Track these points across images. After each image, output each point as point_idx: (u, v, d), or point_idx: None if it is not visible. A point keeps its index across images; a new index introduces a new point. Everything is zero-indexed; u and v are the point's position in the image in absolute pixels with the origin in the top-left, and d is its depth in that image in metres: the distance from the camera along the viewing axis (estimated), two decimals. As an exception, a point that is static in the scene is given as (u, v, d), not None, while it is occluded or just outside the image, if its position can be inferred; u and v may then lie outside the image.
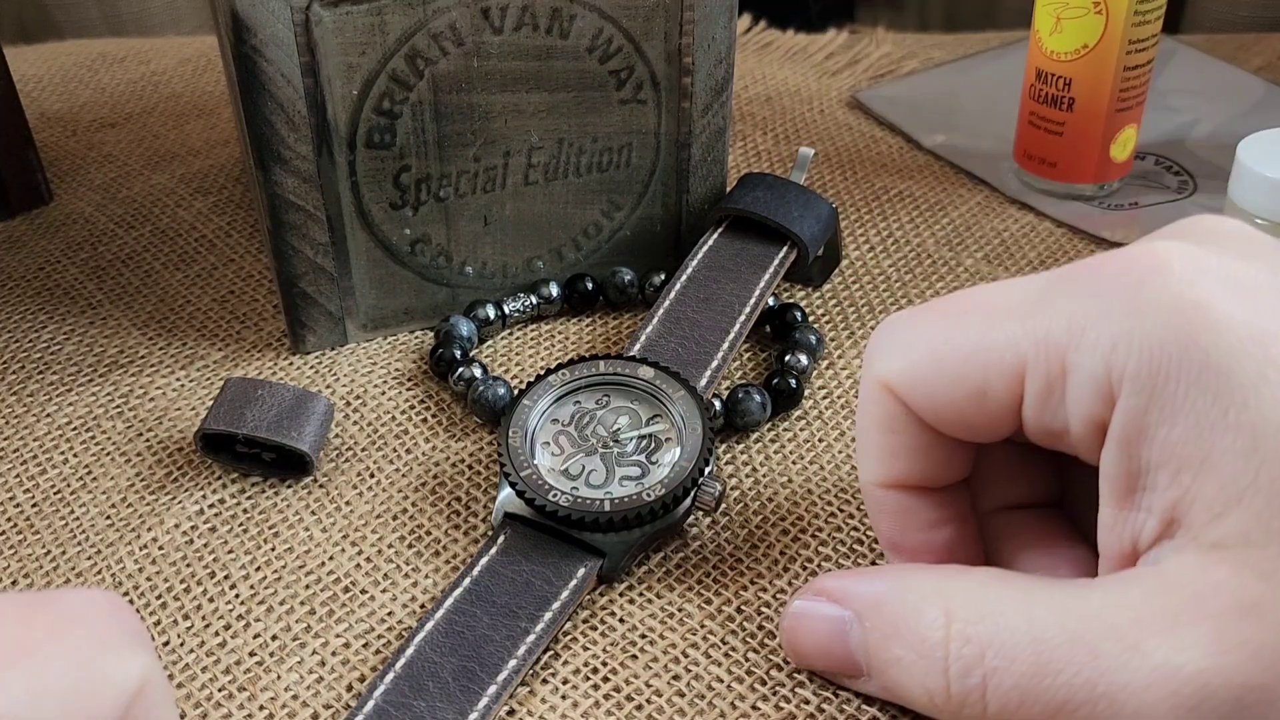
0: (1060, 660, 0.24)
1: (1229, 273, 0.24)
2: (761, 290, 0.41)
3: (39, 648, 0.21)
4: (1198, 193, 0.51)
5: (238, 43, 0.36)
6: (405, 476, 0.37)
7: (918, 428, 0.28)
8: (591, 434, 0.35)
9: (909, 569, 0.28)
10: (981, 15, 0.98)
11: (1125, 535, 0.25)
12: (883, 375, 0.28)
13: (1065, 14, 0.47)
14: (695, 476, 0.33)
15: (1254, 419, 0.22)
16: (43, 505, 0.36)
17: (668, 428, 0.35)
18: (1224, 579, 0.22)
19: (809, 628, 0.29)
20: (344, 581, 0.33)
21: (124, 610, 0.23)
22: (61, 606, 0.22)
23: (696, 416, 0.35)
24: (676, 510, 0.33)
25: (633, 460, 0.35)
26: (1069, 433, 0.25)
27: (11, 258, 0.48)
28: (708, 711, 0.30)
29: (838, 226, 0.44)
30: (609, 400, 0.36)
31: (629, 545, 0.33)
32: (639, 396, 0.36)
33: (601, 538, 0.33)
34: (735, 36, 0.41)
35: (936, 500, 0.29)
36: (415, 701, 0.29)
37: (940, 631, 0.25)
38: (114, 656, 0.22)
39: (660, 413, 0.36)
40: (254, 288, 0.46)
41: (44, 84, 0.63)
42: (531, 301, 0.43)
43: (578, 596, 0.32)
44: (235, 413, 0.36)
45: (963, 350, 0.26)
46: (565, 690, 0.30)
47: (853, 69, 0.64)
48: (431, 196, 0.40)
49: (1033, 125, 0.50)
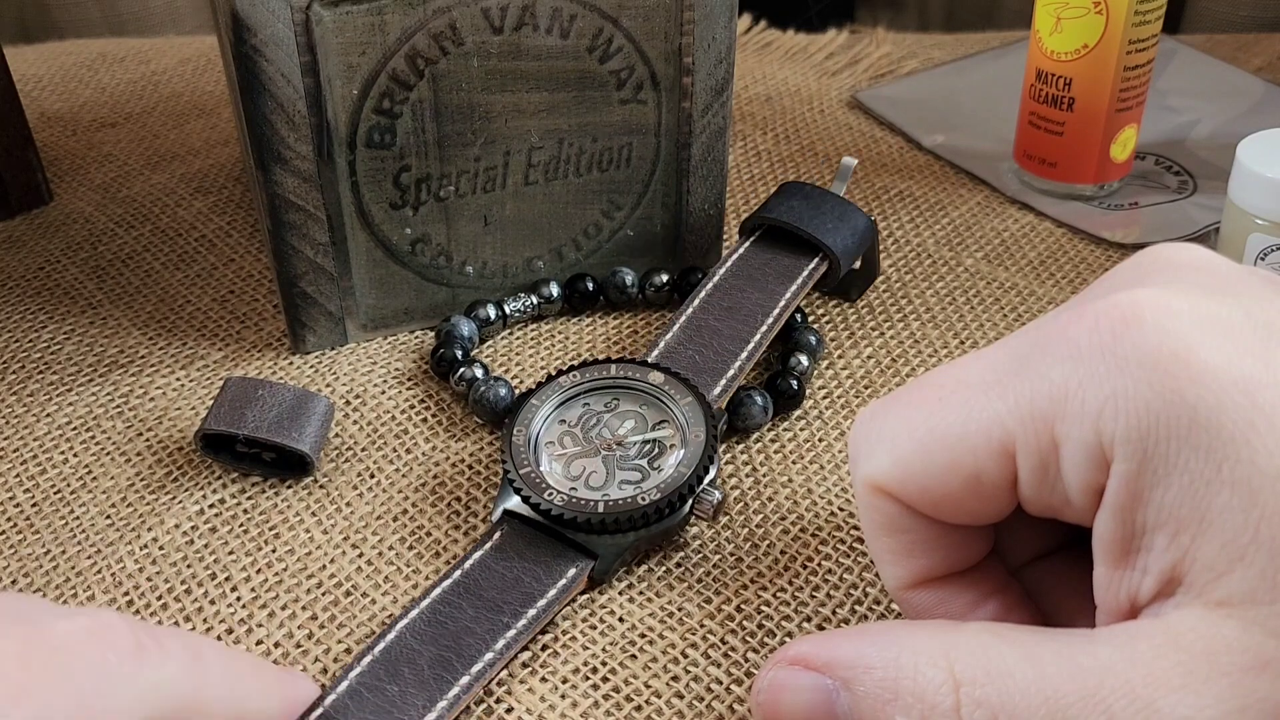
0: None
1: (1201, 315, 0.23)
2: (787, 301, 0.40)
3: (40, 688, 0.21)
4: (1198, 193, 0.51)
5: (238, 42, 0.36)
6: (405, 477, 0.37)
7: (923, 522, 0.27)
8: (596, 436, 0.35)
9: (892, 627, 0.26)
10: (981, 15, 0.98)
11: (1123, 594, 0.24)
12: (872, 477, 0.27)
13: (1065, 14, 0.47)
14: (693, 483, 0.33)
15: (1248, 472, 0.22)
16: (43, 505, 0.36)
17: (672, 434, 0.35)
18: (1234, 636, 0.22)
19: (790, 701, 0.26)
20: (345, 585, 0.33)
21: (116, 630, 0.23)
22: (59, 639, 0.22)
23: (701, 423, 0.34)
24: (672, 516, 0.33)
25: (634, 464, 0.34)
26: (1071, 504, 0.25)
27: (11, 258, 0.48)
28: (706, 713, 0.30)
29: (876, 240, 0.43)
30: (617, 404, 0.36)
31: (622, 549, 0.33)
32: (648, 401, 0.36)
33: (595, 539, 0.33)
34: (735, 36, 0.41)
35: (969, 581, 0.28)
36: (389, 685, 0.29)
37: (949, 697, 0.24)
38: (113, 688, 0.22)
39: (667, 418, 0.36)
40: (254, 287, 0.46)
41: (44, 84, 0.63)
42: (532, 301, 0.43)
43: (565, 596, 0.32)
44: (236, 413, 0.36)
45: (948, 437, 0.25)
46: (565, 690, 0.30)
47: (853, 69, 0.64)
48: (431, 196, 0.40)
49: (1033, 125, 0.50)
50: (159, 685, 0.23)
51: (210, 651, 0.25)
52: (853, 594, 0.33)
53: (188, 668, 0.24)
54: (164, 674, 0.23)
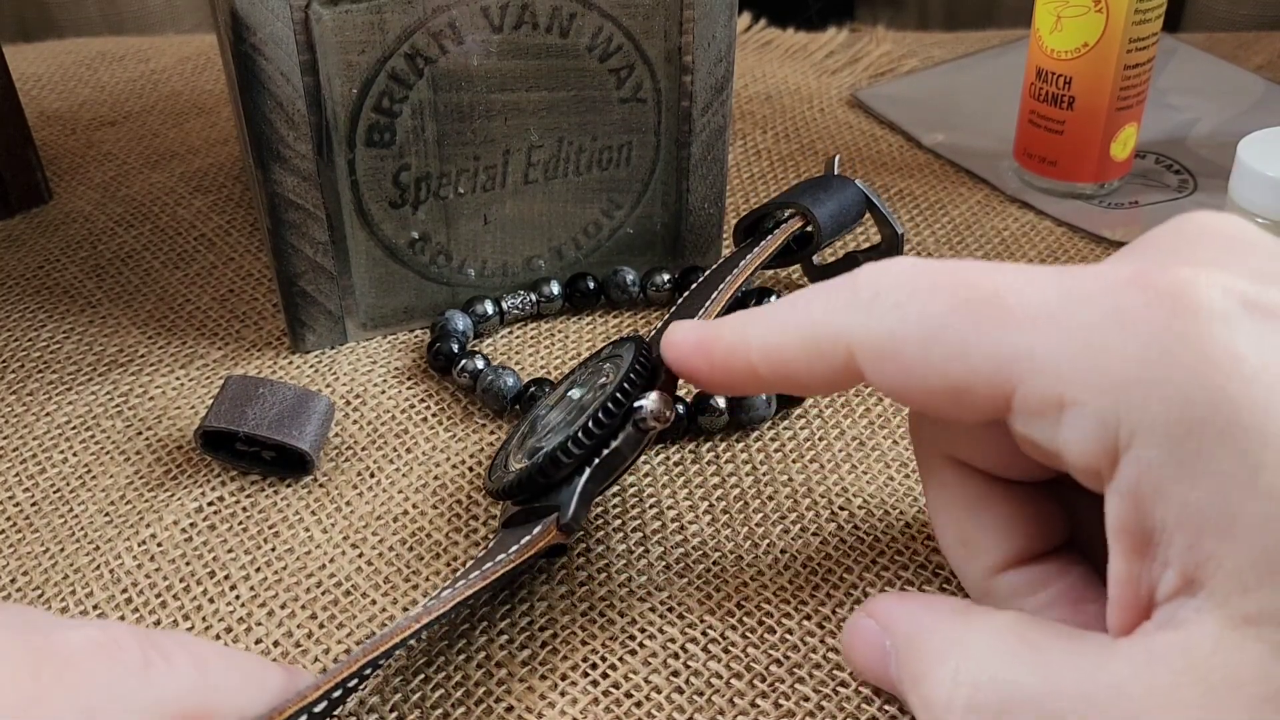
0: None
1: (1262, 305, 0.22)
2: (755, 255, 0.39)
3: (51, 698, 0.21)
4: (1198, 191, 0.51)
5: (237, 41, 0.36)
6: (405, 476, 0.37)
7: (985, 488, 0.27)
8: (570, 411, 0.33)
9: (943, 606, 0.26)
10: (981, 14, 0.98)
11: (1140, 588, 0.23)
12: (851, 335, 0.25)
13: (1065, 12, 0.47)
14: (616, 398, 0.30)
15: None
16: (42, 503, 0.36)
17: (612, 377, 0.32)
18: (1256, 660, 0.21)
19: (860, 644, 0.28)
20: (345, 585, 0.33)
21: (123, 645, 0.23)
22: (69, 651, 0.22)
23: (631, 352, 0.32)
24: (606, 438, 0.31)
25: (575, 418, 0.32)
26: (1059, 457, 0.24)
27: (11, 257, 0.48)
28: (706, 708, 0.30)
29: (876, 204, 0.42)
30: (596, 380, 0.34)
31: (575, 492, 0.30)
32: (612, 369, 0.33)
33: (552, 497, 0.31)
34: (735, 35, 0.41)
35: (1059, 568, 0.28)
36: None
37: (945, 689, 0.24)
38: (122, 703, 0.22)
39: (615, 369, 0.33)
40: (254, 286, 0.46)
41: (44, 83, 0.63)
42: (530, 299, 0.43)
43: (532, 546, 0.30)
44: (236, 410, 0.36)
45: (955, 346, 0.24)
46: (564, 686, 0.30)
47: (853, 67, 0.64)
48: (431, 195, 0.40)
49: (1033, 124, 0.50)
50: (166, 699, 0.23)
51: (215, 658, 0.25)
52: (853, 594, 0.33)
53: (193, 680, 0.24)
54: (171, 687, 0.23)
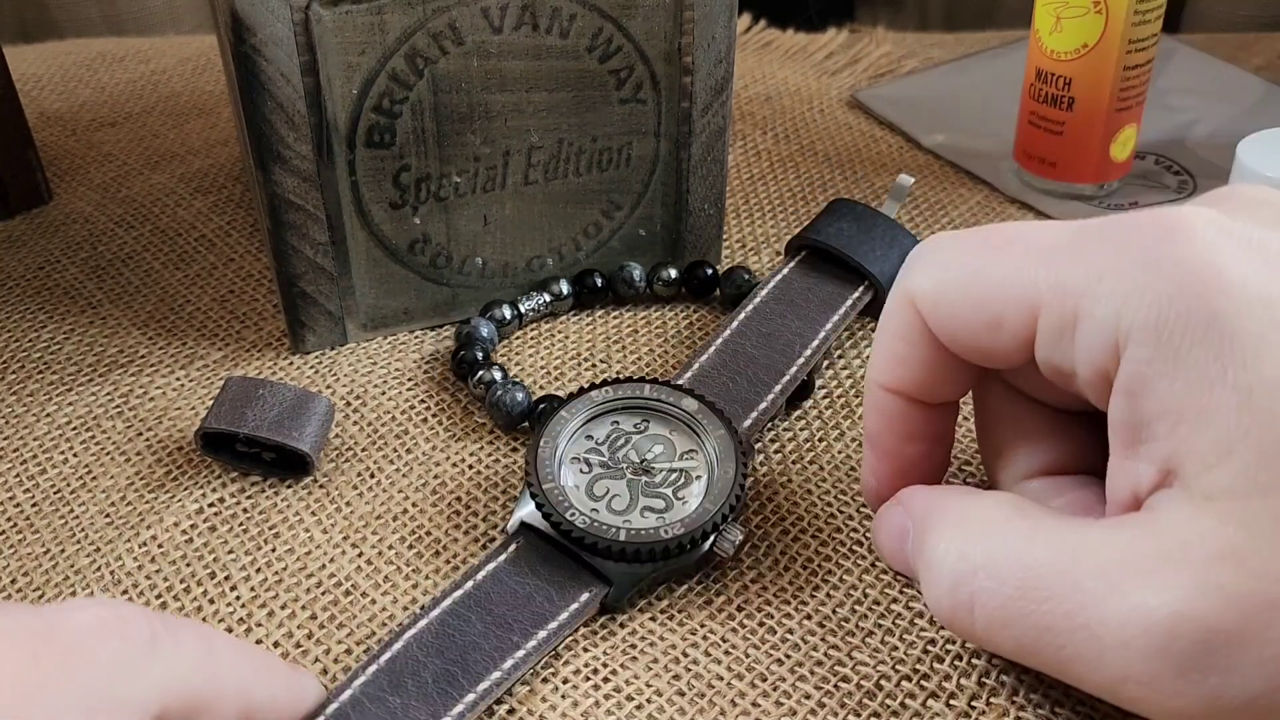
0: (1045, 589, 0.25)
1: (1252, 239, 0.25)
2: (827, 333, 0.39)
3: (52, 682, 0.21)
4: (1197, 192, 0.51)
5: (237, 42, 0.36)
6: (405, 477, 0.37)
7: (930, 344, 0.30)
8: (623, 458, 0.34)
9: (956, 489, 0.30)
10: (981, 15, 0.98)
11: (1128, 482, 0.26)
12: (912, 290, 0.30)
13: (1065, 13, 0.47)
14: (717, 522, 0.32)
15: (1251, 378, 0.23)
16: (42, 504, 0.36)
17: (700, 465, 0.34)
18: (1208, 528, 0.23)
19: (886, 527, 0.31)
20: (345, 585, 0.33)
21: (131, 622, 0.23)
22: (68, 633, 0.22)
23: (731, 459, 0.34)
24: (692, 552, 0.32)
25: (659, 492, 0.34)
26: (1076, 375, 0.27)
27: (11, 257, 0.48)
28: (708, 710, 0.30)
29: None
30: (647, 426, 0.35)
31: (638, 578, 0.32)
32: (678, 428, 0.35)
33: (612, 566, 0.32)
34: (735, 36, 0.41)
35: (924, 417, 0.32)
36: (391, 697, 0.28)
37: (939, 553, 0.28)
38: (128, 679, 0.22)
39: (696, 448, 0.35)
40: (254, 287, 0.46)
41: (44, 83, 0.63)
42: (545, 300, 0.43)
43: (576, 620, 0.31)
44: (236, 412, 0.36)
45: (989, 283, 0.28)
46: (566, 690, 0.30)
47: (852, 68, 0.64)
48: (431, 196, 0.40)
49: (1033, 125, 0.50)
50: (172, 676, 0.23)
51: (222, 644, 0.25)
52: (853, 594, 0.33)
53: (200, 659, 0.24)
54: (177, 665, 0.23)
